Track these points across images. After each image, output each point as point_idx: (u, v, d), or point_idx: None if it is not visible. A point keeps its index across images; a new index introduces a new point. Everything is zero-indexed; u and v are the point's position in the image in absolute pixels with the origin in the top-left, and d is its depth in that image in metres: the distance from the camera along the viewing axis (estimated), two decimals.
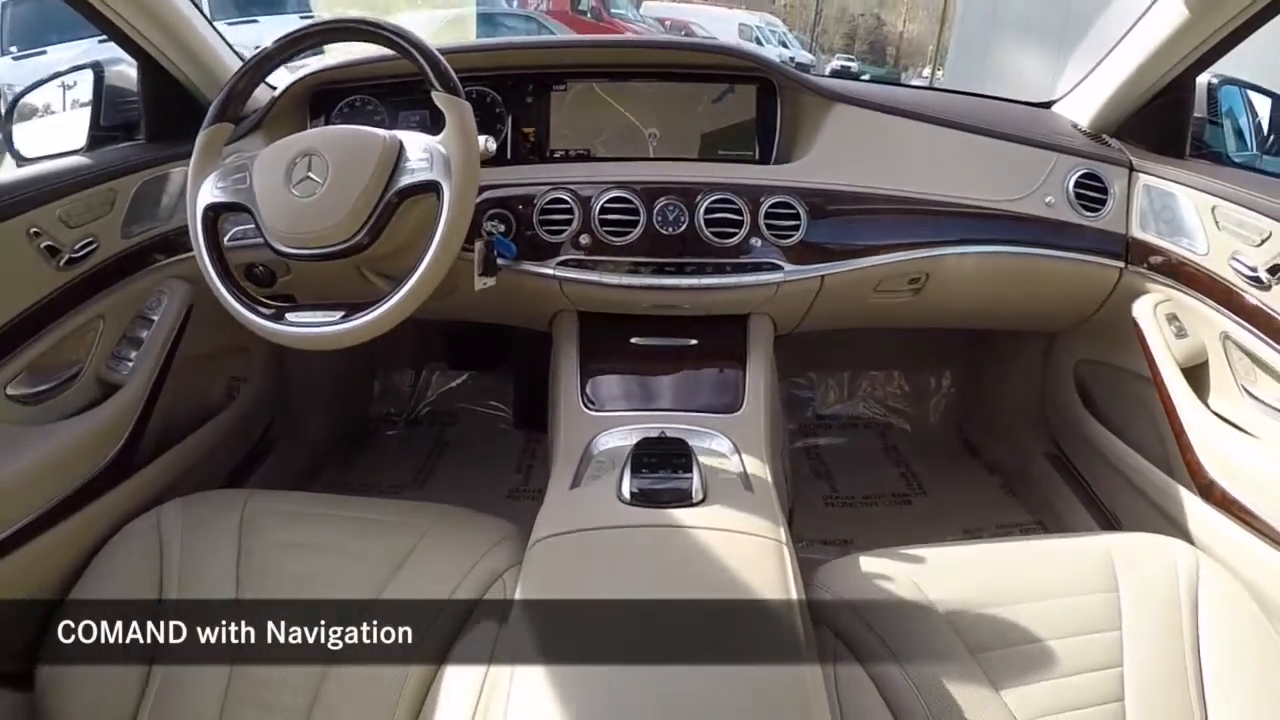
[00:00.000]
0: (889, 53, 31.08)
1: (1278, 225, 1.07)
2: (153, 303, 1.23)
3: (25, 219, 1.03)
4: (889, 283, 1.33)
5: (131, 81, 1.31)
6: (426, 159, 0.97)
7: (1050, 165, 1.31)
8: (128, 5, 1.11)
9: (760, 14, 21.00)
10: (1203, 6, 1.10)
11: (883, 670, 0.85)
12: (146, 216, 1.23)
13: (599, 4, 13.18)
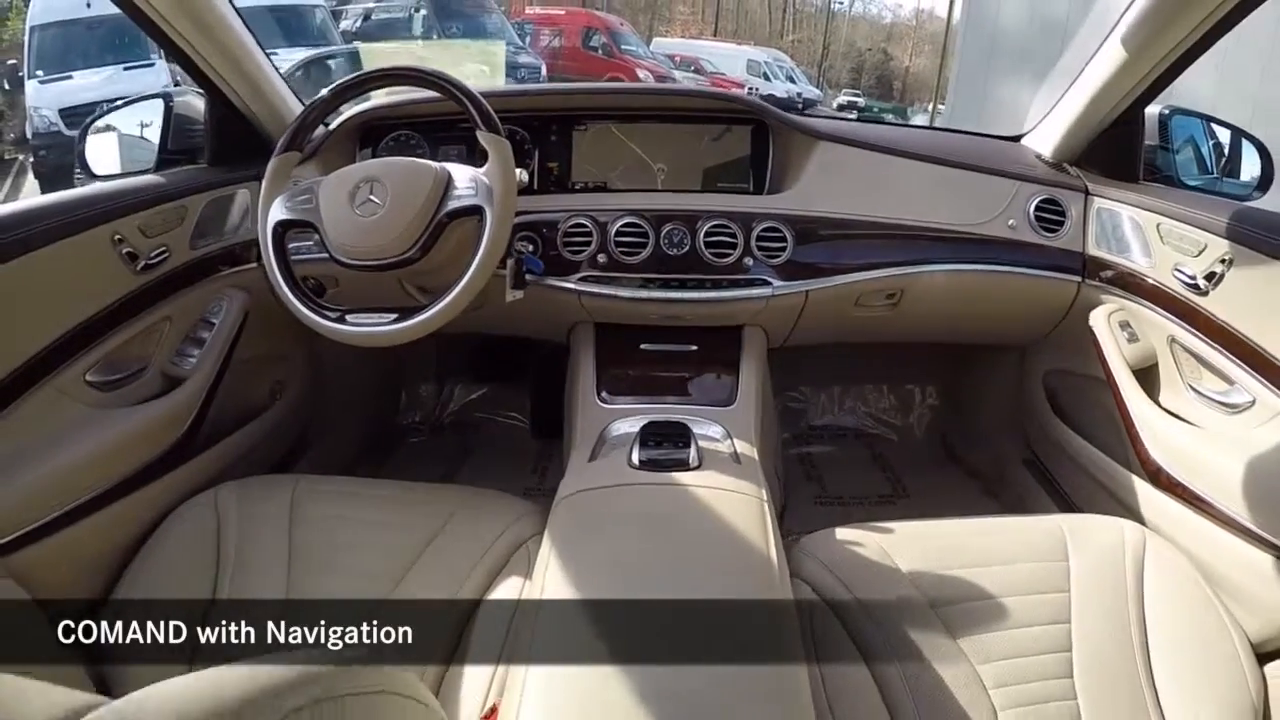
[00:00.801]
0: (895, 87, 31.44)
1: (1212, 237, 1.21)
2: (214, 307, 1.40)
3: (110, 227, 1.19)
4: (868, 298, 1.50)
5: (194, 111, 1.48)
6: (472, 187, 1.14)
7: (1013, 192, 1.48)
8: (206, 44, 1.29)
9: (768, 49, 21.43)
10: (1138, 48, 1.26)
11: (850, 614, 0.98)
12: (211, 231, 1.40)
13: (610, 41, 13.68)
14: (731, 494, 1.01)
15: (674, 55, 16.95)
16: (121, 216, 1.21)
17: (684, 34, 23.22)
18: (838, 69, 31.87)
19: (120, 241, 1.20)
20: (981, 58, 8.67)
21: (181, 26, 1.23)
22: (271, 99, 1.45)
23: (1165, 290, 1.31)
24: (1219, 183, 1.55)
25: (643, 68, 13.62)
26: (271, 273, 1.19)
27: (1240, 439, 1.13)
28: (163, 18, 1.20)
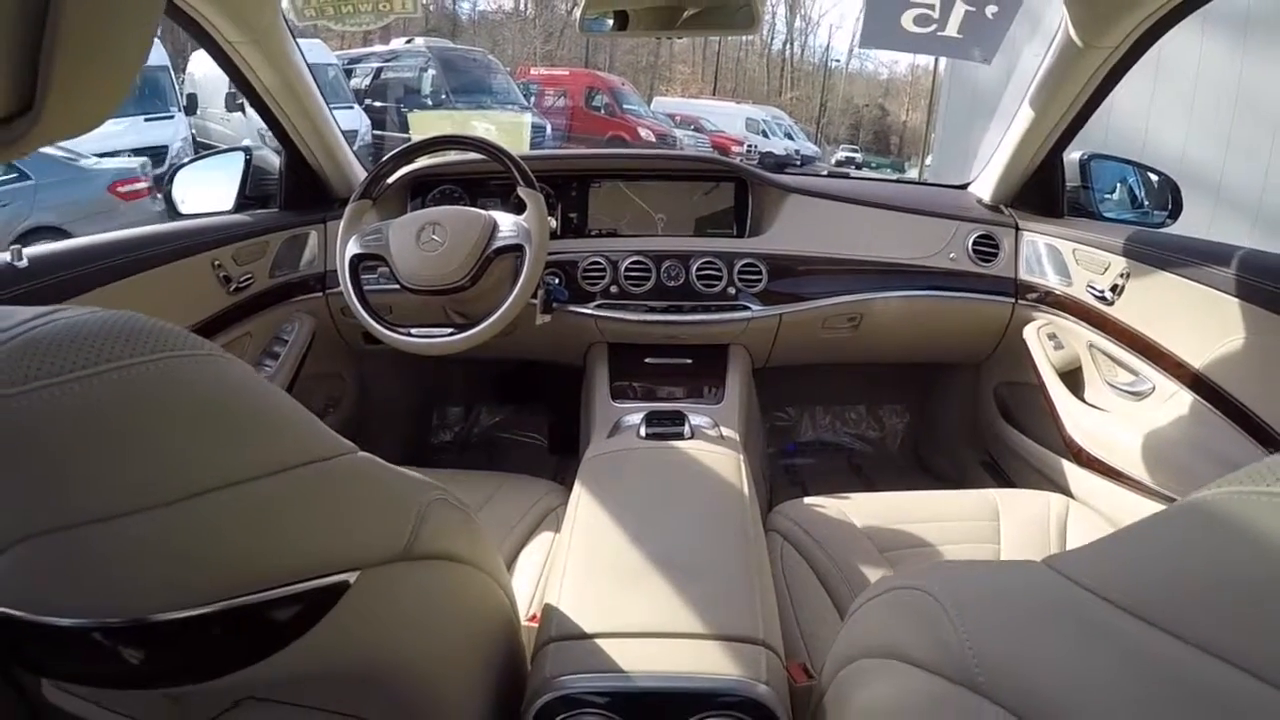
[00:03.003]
0: (893, 141, 32.12)
1: (1114, 257, 1.49)
2: (287, 328, 1.70)
3: (211, 254, 1.48)
4: (832, 321, 1.80)
5: (267, 164, 1.78)
6: (514, 230, 1.47)
7: (954, 230, 1.81)
8: (294, 108, 1.61)
9: (766, 107, 22.02)
10: (1042, 108, 1.57)
11: (814, 556, 1.22)
12: (287, 264, 1.70)
13: (612, 101, 14.14)
14: (715, 455, 1.27)
15: (674, 114, 17.50)
16: (219, 246, 1.50)
17: (684, 93, 23.87)
18: (835, 125, 32.71)
19: (219, 266, 1.50)
20: (964, 114, 9.14)
21: (278, 93, 1.56)
22: (337, 155, 1.77)
23: (1082, 304, 1.60)
24: (1148, 215, 1.81)
25: (644, 126, 14.15)
26: (349, 296, 1.49)
27: (1144, 419, 1.39)
28: (264, 87, 1.53)
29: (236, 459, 0.41)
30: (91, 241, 1.25)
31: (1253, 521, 0.27)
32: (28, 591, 0.36)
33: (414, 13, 1.86)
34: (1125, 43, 1.38)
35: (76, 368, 0.35)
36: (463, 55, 12.49)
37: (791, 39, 33.73)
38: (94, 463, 0.36)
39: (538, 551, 1.21)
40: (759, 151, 18.03)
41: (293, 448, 0.44)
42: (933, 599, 0.38)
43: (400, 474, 0.55)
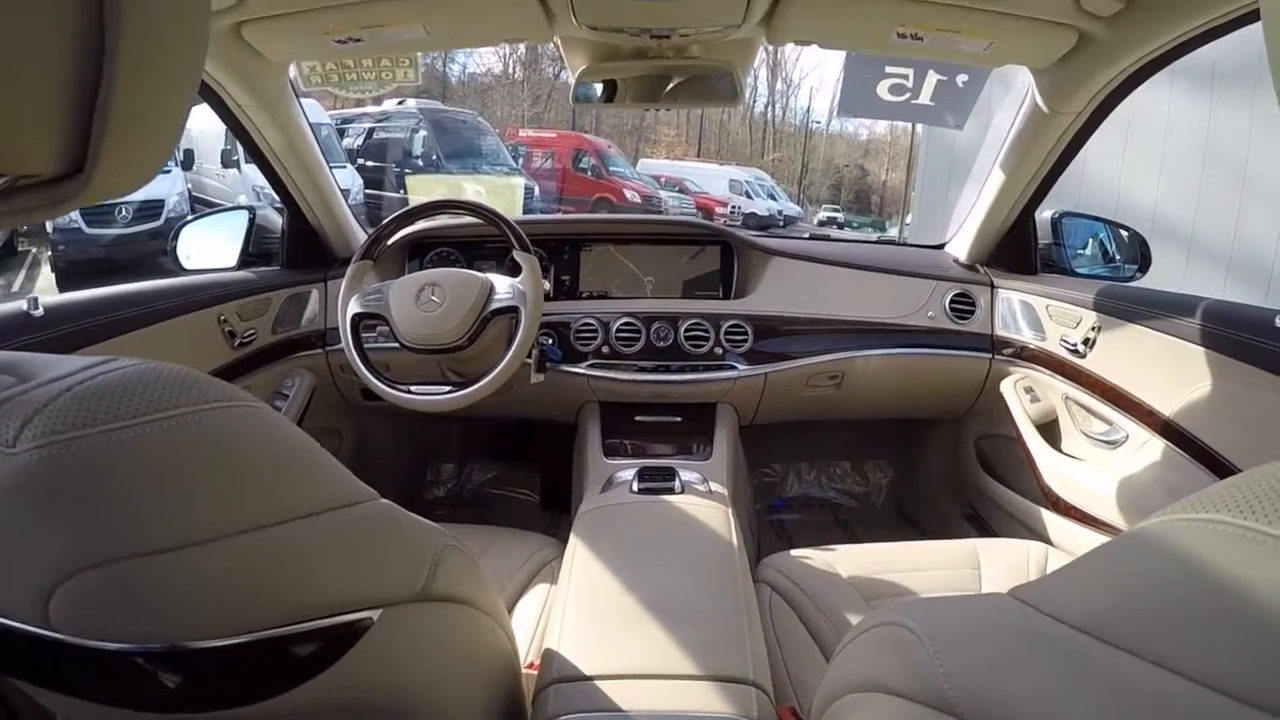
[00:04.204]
0: (874, 201, 32.72)
1: (1085, 311, 1.57)
2: (288, 383, 1.73)
3: (217, 309, 1.53)
4: (815, 379, 1.87)
5: (269, 223, 1.84)
6: (510, 293, 1.52)
7: (932, 289, 1.88)
8: (297, 169, 1.67)
9: (749, 169, 22.50)
10: (1012, 171, 1.67)
11: (802, 606, 1.25)
12: (288, 321, 1.75)
13: (599, 163, 14.39)
14: (705, 509, 1.31)
15: (659, 176, 17.84)
16: (225, 302, 1.55)
17: (669, 155, 24.34)
18: (817, 185, 33.45)
19: (224, 322, 1.54)
20: (942, 173, 9.41)
21: (283, 156, 1.63)
22: (337, 216, 1.83)
23: (1056, 357, 1.67)
24: (1119, 269, 1.90)
25: (630, 188, 14.38)
26: (350, 354, 1.53)
27: (1118, 466, 1.45)
28: (271, 149, 1.60)
29: (273, 502, 0.45)
30: (104, 294, 1.29)
31: (1185, 546, 0.30)
32: (81, 619, 0.39)
33: (415, 82, 1.95)
34: (1088, 107, 1.48)
35: (137, 414, 0.39)
36: (453, 117, 12.70)
37: (773, 101, 34.64)
38: (149, 501, 0.39)
39: (534, 602, 1.24)
40: (742, 212, 18.41)
41: (323, 493, 0.48)
42: (910, 632, 0.42)
43: (416, 520, 0.59)
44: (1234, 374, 1.19)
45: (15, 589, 0.39)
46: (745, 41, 1.41)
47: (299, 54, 1.51)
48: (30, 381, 0.41)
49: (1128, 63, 1.32)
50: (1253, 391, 1.15)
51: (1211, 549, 0.29)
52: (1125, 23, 1.22)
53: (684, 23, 1.33)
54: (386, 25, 1.28)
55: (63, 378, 0.41)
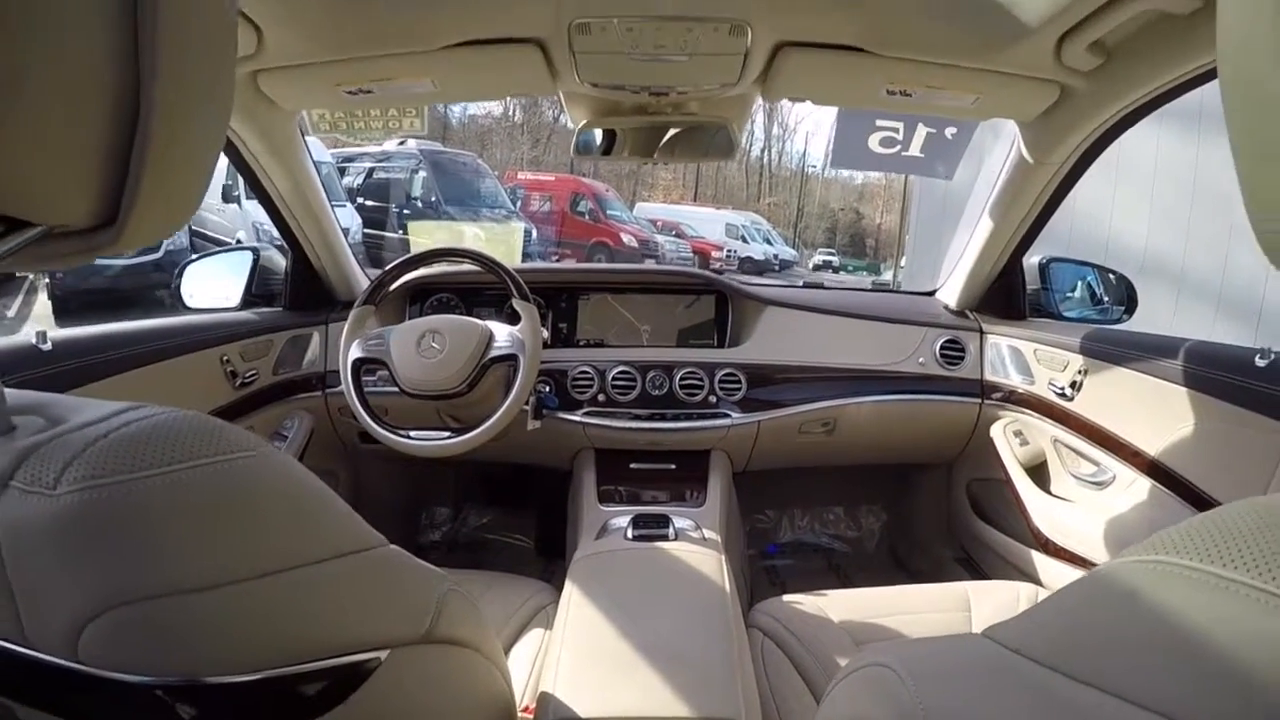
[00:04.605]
0: (869, 244, 33.03)
1: (1072, 355, 1.61)
2: (288, 424, 1.76)
3: (219, 349, 1.56)
4: (808, 426, 1.90)
5: (273, 264, 1.88)
6: (509, 341, 1.56)
7: (922, 336, 1.93)
8: (303, 213, 1.72)
9: (745, 213, 22.76)
10: (1000, 219, 1.73)
11: (794, 650, 1.26)
12: (289, 362, 1.78)
13: (596, 207, 14.57)
14: (698, 555, 1.35)
15: (656, 220, 18.01)
16: (228, 342, 1.58)
17: (666, 199, 24.54)
18: (813, 229, 33.87)
19: (227, 362, 1.57)
20: (936, 216, 9.57)
21: (290, 200, 1.67)
22: (340, 260, 1.87)
23: (1044, 400, 1.70)
24: (1107, 311, 1.94)
25: (626, 232, 14.59)
26: (350, 398, 1.56)
27: (1106, 506, 1.48)
28: (278, 193, 1.64)
29: (291, 547, 0.47)
30: (110, 330, 1.32)
31: (1136, 586, 0.33)
32: (109, 653, 0.42)
33: (421, 131, 2.01)
34: (1072, 158, 1.53)
35: (168, 462, 0.42)
36: (453, 158, 12.85)
37: (769, 146, 35.26)
38: (178, 544, 0.42)
39: (529, 646, 1.25)
40: (738, 256, 18.57)
41: (337, 539, 0.51)
42: (892, 672, 0.44)
43: (421, 565, 0.62)
44: (1217, 413, 1.22)
45: (46, 622, 0.41)
46: (741, 97, 1.47)
47: (311, 103, 1.57)
48: (62, 425, 0.44)
49: (1108, 115, 1.37)
50: (1235, 429, 1.18)
51: (1159, 588, 0.32)
52: (1105, 78, 1.28)
53: (683, 82, 1.38)
54: (396, 79, 1.34)
55: (95, 423, 0.44)
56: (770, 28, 1.21)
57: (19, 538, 0.40)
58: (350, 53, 1.27)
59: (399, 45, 1.25)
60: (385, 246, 10.65)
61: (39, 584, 0.40)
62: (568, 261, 13.99)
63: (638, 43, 1.21)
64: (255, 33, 1.18)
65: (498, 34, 1.25)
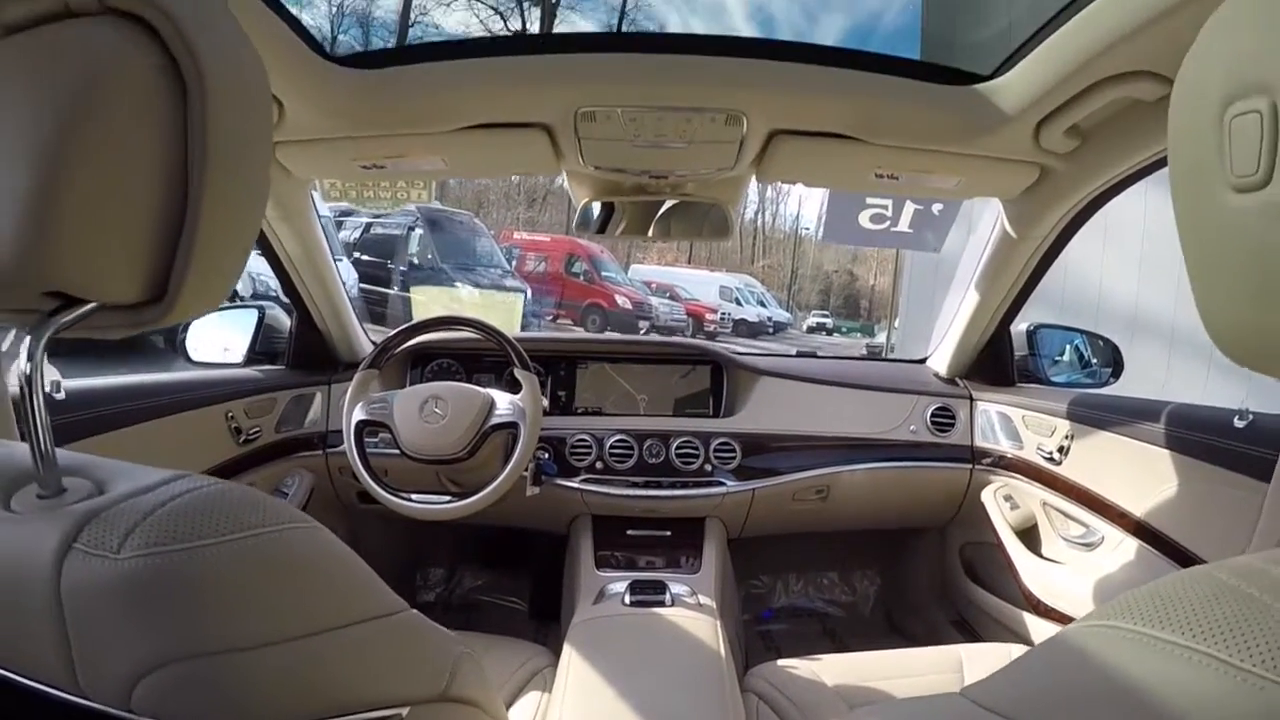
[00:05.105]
0: (862, 306, 33.34)
1: (1060, 420, 1.67)
2: (288, 482, 1.79)
3: (225, 405, 1.60)
4: (802, 494, 1.95)
5: (278, 323, 1.93)
6: (510, 410, 1.62)
7: (913, 404, 2.00)
8: (310, 275, 1.78)
9: (739, 275, 22.95)
10: (986, 290, 1.80)
11: (789, 716, 1.28)
12: (291, 421, 1.82)
13: (591, 268, 14.73)
14: (694, 621, 1.38)
15: (651, 282, 18.17)
16: (233, 399, 1.63)
17: (660, 261, 24.77)
18: (807, 291, 34.28)
19: (231, 418, 1.61)
20: (929, 278, 9.72)
21: (299, 263, 1.74)
22: (344, 322, 1.93)
23: (1033, 465, 1.75)
24: (1095, 373, 2.01)
25: (621, 293, 14.76)
26: (353, 460, 1.61)
27: (1095, 567, 1.51)
28: (288, 256, 1.71)
29: (328, 612, 0.51)
30: (123, 382, 1.36)
31: (1089, 648, 0.37)
32: (162, 706, 0.45)
33: (428, 202, 2.10)
34: (1053, 232, 1.62)
35: (222, 533, 0.46)
36: (450, 217, 12.99)
37: (763, 209, 35.80)
38: (230, 608, 0.46)
39: (527, 709, 1.27)
40: (732, 319, 18.73)
41: (367, 604, 0.55)
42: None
43: (437, 628, 0.66)
44: (1199, 474, 1.27)
45: (101, 674, 0.44)
46: (736, 179, 1.55)
47: (325, 173, 1.65)
48: (113, 491, 0.48)
49: (1086, 192, 1.46)
50: (1217, 489, 1.23)
51: (1109, 651, 0.35)
52: (1081, 159, 1.36)
53: (681, 167, 1.47)
54: (408, 156, 1.42)
55: (147, 491, 0.48)
56: (765, 117, 1.30)
57: (81, 597, 0.43)
58: (366, 131, 1.35)
59: (413, 126, 1.33)
60: (381, 302, 10.77)
61: (98, 640, 0.43)
62: (562, 322, 14.14)
63: (639, 130, 1.29)
64: (277, 107, 1.26)
65: (508, 119, 1.33)
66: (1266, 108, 0.41)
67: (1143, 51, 0.99)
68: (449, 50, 1.24)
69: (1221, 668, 0.30)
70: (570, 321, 14.43)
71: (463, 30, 22.01)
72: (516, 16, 21.73)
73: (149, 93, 0.48)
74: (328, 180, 2.11)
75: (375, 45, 20.62)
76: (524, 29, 21.64)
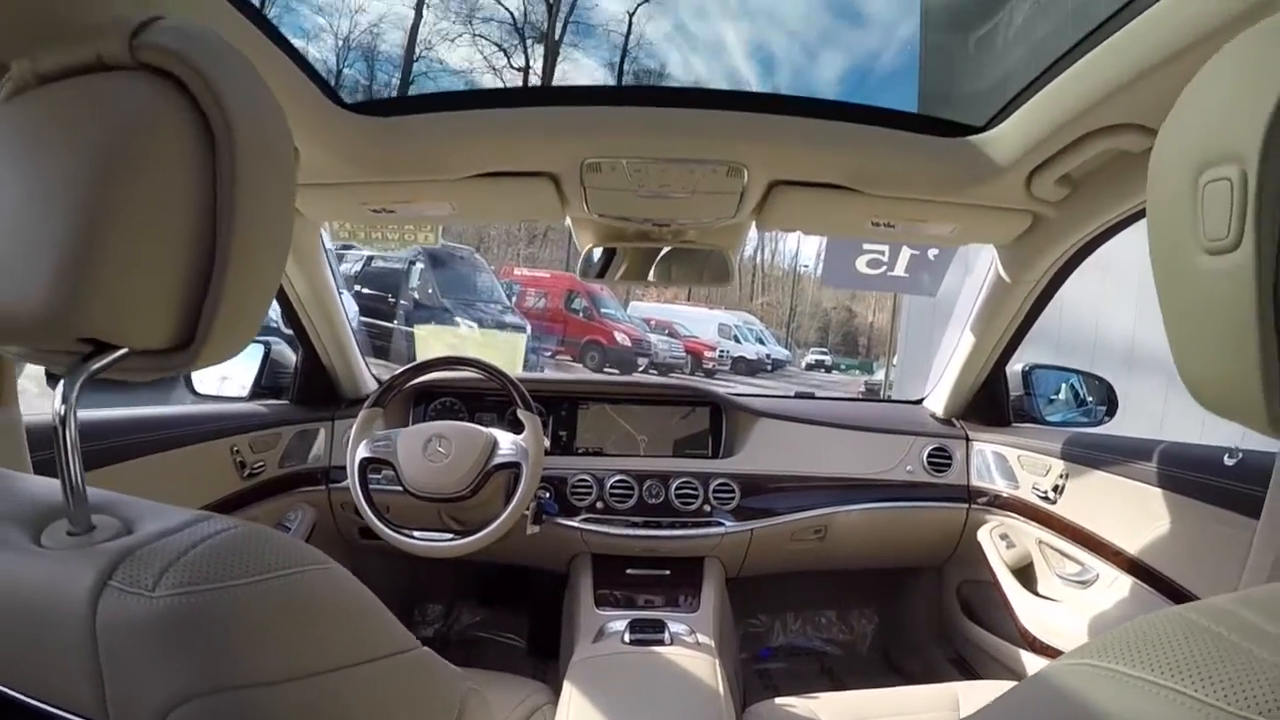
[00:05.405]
0: (861, 343, 33.39)
1: (1054, 460, 1.70)
2: (291, 516, 1.81)
3: (230, 440, 1.63)
4: (800, 534, 1.97)
5: (283, 358, 1.96)
6: (513, 450, 1.65)
7: (910, 445, 2.03)
8: (318, 313, 1.81)
9: (738, 313, 22.97)
10: (982, 333, 1.85)
11: None
12: (295, 456, 1.85)
13: (590, 305, 14.80)
14: (693, 660, 1.40)
15: (650, 319, 18.28)
16: (239, 434, 1.65)
17: (659, 298, 24.80)
18: (805, 328, 34.38)
19: (236, 452, 1.64)
20: (926, 315, 9.77)
21: (308, 302, 1.77)
22: (349, 360, 1.97)
23: (1028, 504, 1.78)
24: (1091, 411, 2.03)
25: (620, 330, 14.82)
26: (357, 497, 1.63)
27: (1090, 605, 1.53)
28: (297, 295, 1.75)
29: (347, 649, 0.54)
30: (133, 414, 1.39)
31: (1067, 685, 0.38)
32: None
33: (435, 244, 2.14)
34: (1045, 277, 1.67)
35: (251, 574, 0.49)
36: (451, 252, 13.05)
37: (762, 247, 36.01)
38: (258, 644, 0.48)
39: None
40: (731, 356, 18.78)
41: (383, 642, 0.58)
42: None
43: (447, 665, 0.69)
44: (1191, 511, 1.30)
45: (134, 708, 0.46)
46: (737, 226, 1.60)
47: (335, 216, 1.70)
48: (142, 531, 0.51)
49: (1077, 238, 1.51)
50: (1208, 526, 1.25)
51: (1086, 688, 0.38)
52: (1072, 207, 1.41)
53: (683, 216, 1.52)
54: (418, 202, 1.47)
55: (176, 531, 0.50)
56: (765, 169, 1.35)
57: (117, 633, 0.45)
58: (377, 176, 1.40)
59: (423, 174, 1.38)
60: (381, 336, 10.80)
61: (131, 674, 0.46)
62: (561, 358, 14.16)
63: (643, 181, 1.34)
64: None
65: (516, 168, 1.38)
66: (1236, 175, 0.44)
67: (1130, 105, 1.03)
68: (460, 100, 1.29)
69: (1189, 703, 0.32)
70: (569, 358, 14.46)
71: (466, 64, 22.48)
72: (520, 53, 22.23)
73: (180, 147, 0.51)
74: (336, 221, 2.15)
75: (380, 78, 21.02)
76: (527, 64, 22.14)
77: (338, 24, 20.83)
